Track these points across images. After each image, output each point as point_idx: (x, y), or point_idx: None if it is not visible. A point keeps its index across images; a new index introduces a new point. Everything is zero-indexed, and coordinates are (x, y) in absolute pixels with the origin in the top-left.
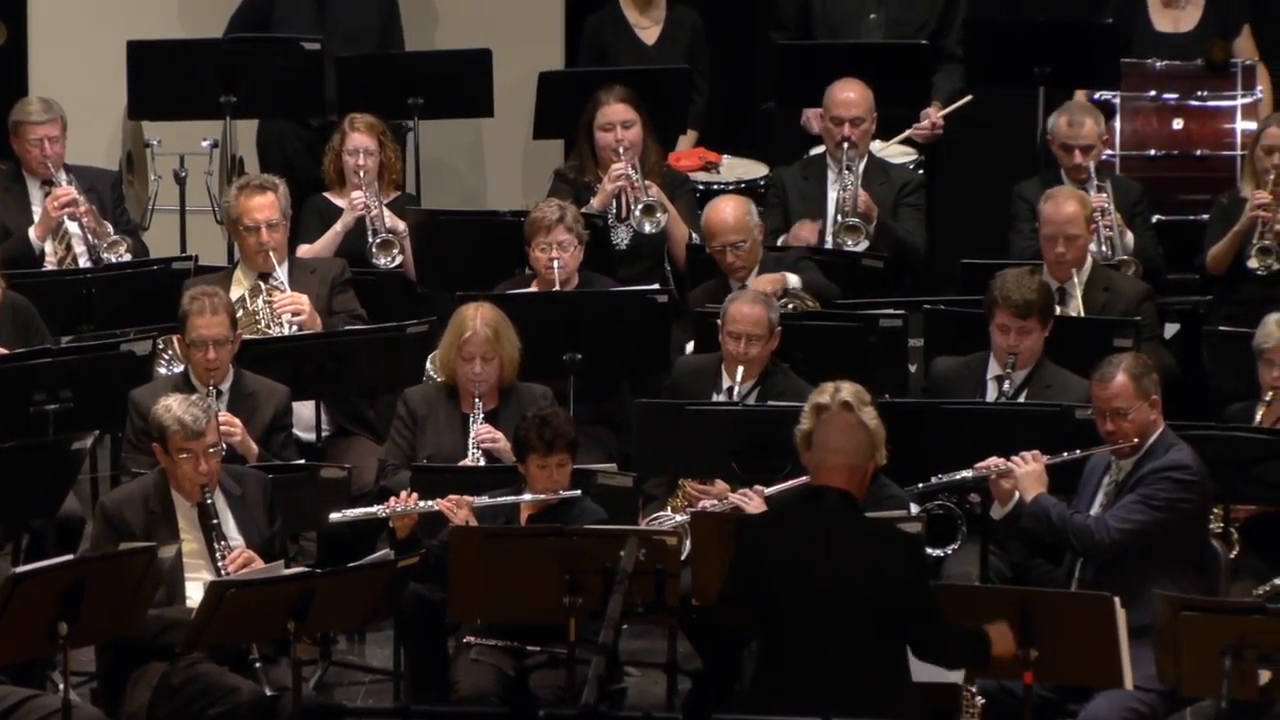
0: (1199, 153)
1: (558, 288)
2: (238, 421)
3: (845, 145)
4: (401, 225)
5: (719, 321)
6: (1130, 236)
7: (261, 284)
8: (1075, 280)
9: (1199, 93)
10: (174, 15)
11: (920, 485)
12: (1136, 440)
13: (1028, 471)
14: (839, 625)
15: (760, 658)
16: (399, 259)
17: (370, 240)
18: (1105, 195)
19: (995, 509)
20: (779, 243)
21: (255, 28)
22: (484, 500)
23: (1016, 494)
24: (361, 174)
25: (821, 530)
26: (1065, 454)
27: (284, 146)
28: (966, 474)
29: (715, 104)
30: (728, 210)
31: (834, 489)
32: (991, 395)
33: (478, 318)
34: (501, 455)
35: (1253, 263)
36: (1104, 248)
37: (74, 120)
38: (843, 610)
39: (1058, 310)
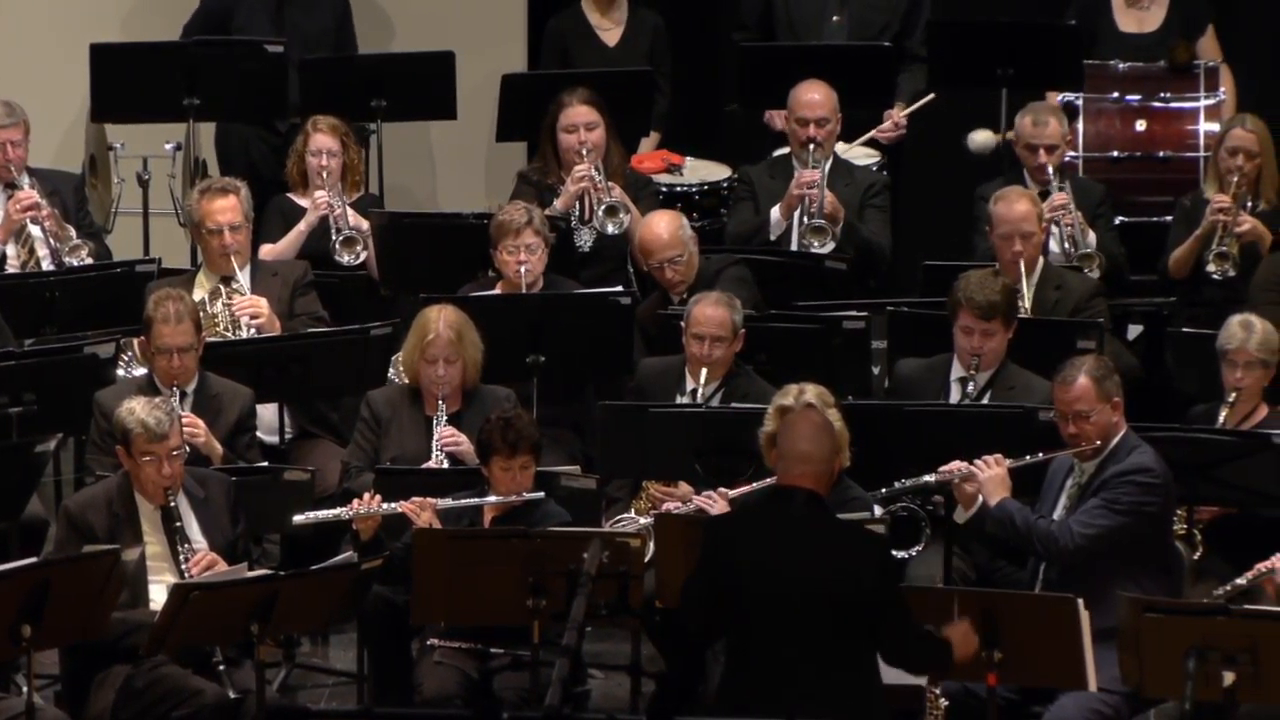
0: (1162, 154)
1: (524, 291)
2: (200, 422)
3: (811, 147)
4: (365, 224)
5: (683, 324)
6: (1092, 236)
7: (222, 287)
8: (1024, 279)
9: (1162, 94)
10: (136, 19)
11: (884, 490)
12: (1099, 442)
13: (991, 475)
14: (806, 625)
15: (727, 658)
16: (362, 255)
17: (334, 238)
18: (1066, 194)
19: (959, 513)
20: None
21: (213, 31)
22: (447, 502)
23: (980, 498)
24: (324, 175)
25: (789, 530)
26: (1028, 457)
27: (248, 149)
28: (930, 478)
29: (678, 106)
30: (661, 227)
31: (802, 489)
32: (955, 397)
33: (441, 320)
34: (464, 458)
35: (1210, 267)
36: (1066, 244)
37: (37, 123)
38: (810, 610)
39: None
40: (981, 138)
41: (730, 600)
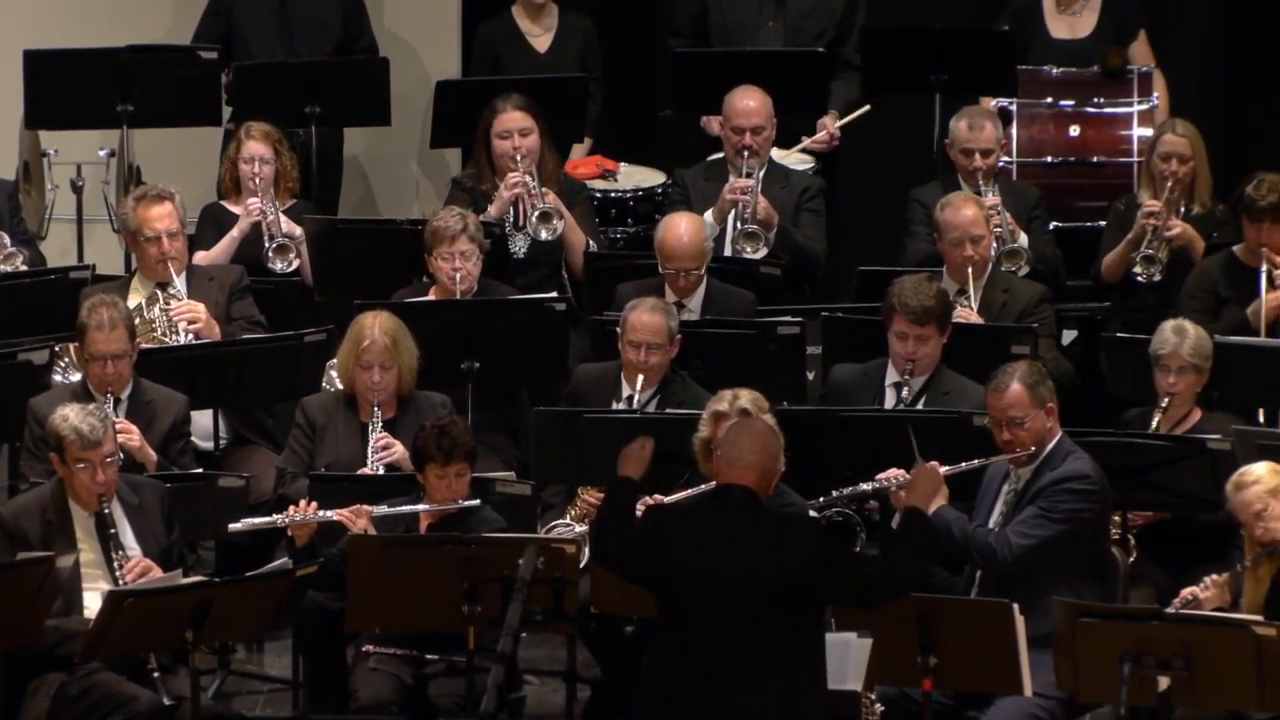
0: (1096, 159)
1: (458, 297)
2: (134, 429)
3: (745, 154)
4: (298, 230)
5: (618, 330)
6: (1023, 237)
7: (159, 292)
8: (971, 283)
9: (1095, 99)
10: (73, 24)
11: (820, 499)
12: (1034, 448)
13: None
14: (742, 616)
15: (656, 651)
16: (295, 263)
17: (266, 245)
18: (995, 196)
19: (895, 521)
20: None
21: (219, 32)
22: (383, 509)
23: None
24: (257, 181)
25: (726, 524)
26: (963, 464)
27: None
28: (866, 487)
29: (612, 112)
30: (684, 234)
31: (739, 486)
32: (890, 402)
33: (376, 326)
34: (400, 465)
35: (1136, 269)
36: (996, 245)
37: None
38: (746, 600)
39: (958, 309)
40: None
41: (664, 593)
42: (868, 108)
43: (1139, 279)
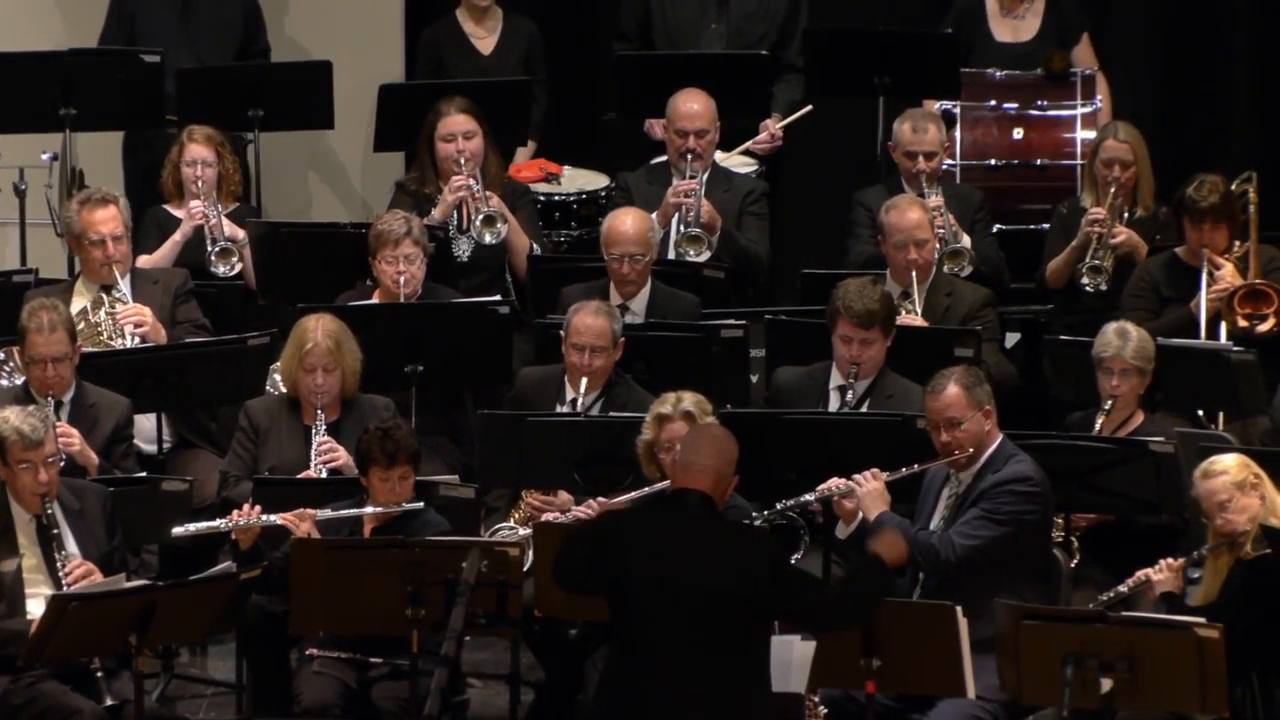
0: (1039, 162)
1: (402, 300)
2: (75, 432)
3: (689, 157)
4: (241, 234)
5: (562, 333)
6: (966, 239)
7: (104, 296)
8: (915, 286)
9: (1039, 102)
10: (13, 28)
11: (766, 512)
12: (972, 451)
13: (869, 490)
14: (695, 623)
15: (610, 654)
16: (238, 267)
17: (209, 249)
18: (938, 198)
19: (840, 528)
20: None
21: (124, 37)
22: (326, 513)
23: (860, 513)
24: (200, 185)
25: (680, 530)
26: (904, 469)
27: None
28: (809, 497)
29: (556, 115)
30: (628, 222)
31: (696, 491)
32: (834, 405)
33: (319, 329)
34: (343, 469)
35: (1084, 280)
36: (939, 247)
37: None
38: (700, 608)
39: (903, 313)
40: None
41: (618, 597)
42: (809, 108)
43: (1086, 289)
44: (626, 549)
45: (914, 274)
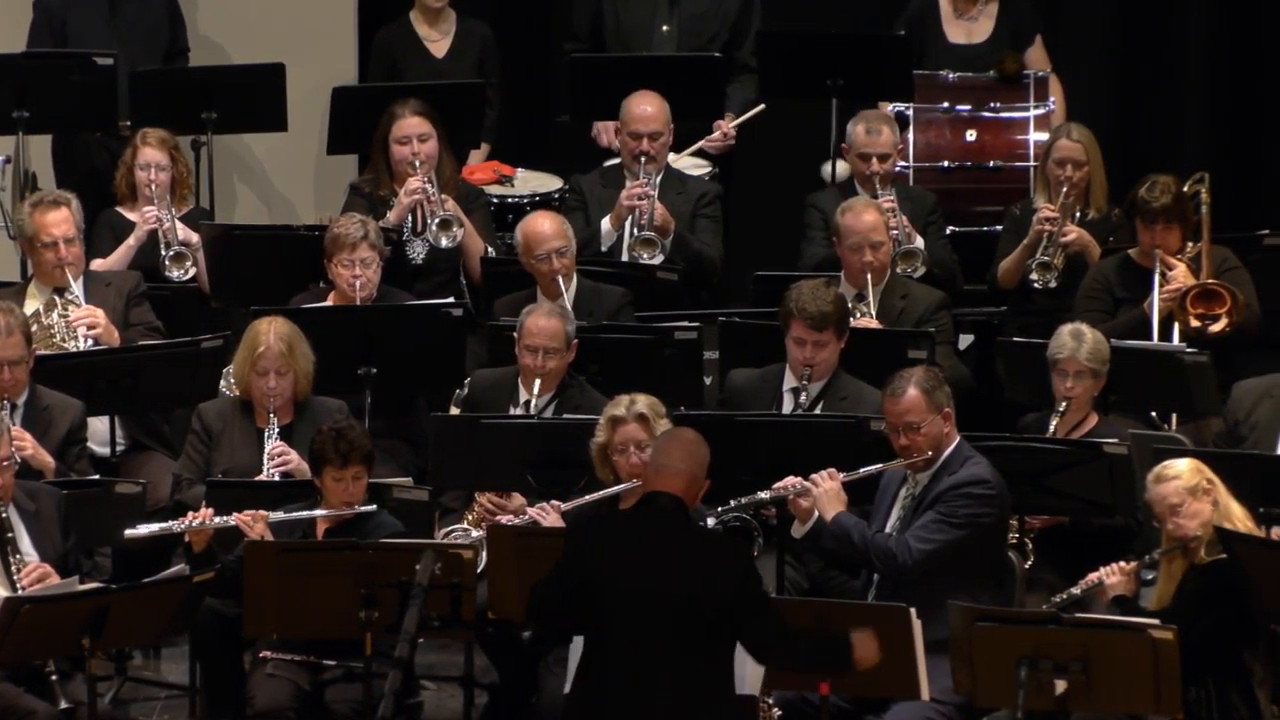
0: (992, 164)
1: (358, 304)
2: (28, 436)
3: (643, 159)
4: (195, 238)
5: (516, 335)
6: (919, 240)
7: (57, 298)
8: (870, 288)
9: (992, 104)
10: None
11: (719, 509)
12: (930, 453)
13: (826, 490)
14: (666, 631)
15: (582, 662)
16: (192, 271)
17: (163, 253)
18: (892, 199)
19: (795, 528)
20: None
21: (54, 35)
22: (279, 515)
23: (815, 512)
24: (153, 188)
25: (652, 534)
26: (861, 470)
27: (90, 158)
28: (764, 495)
29: (509, 117)
30: (545, 221)
31: (668, 494)
32: (788, 407)
33: (271, 332)
34: (296, 475)
35: (1033, 277)
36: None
37: None
38: (671, 615)
39: (857, 315)
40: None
41: (589, 603)
42: (762, 107)
43: (1035, 285)
44: (597, 558)
45: (869, 276)
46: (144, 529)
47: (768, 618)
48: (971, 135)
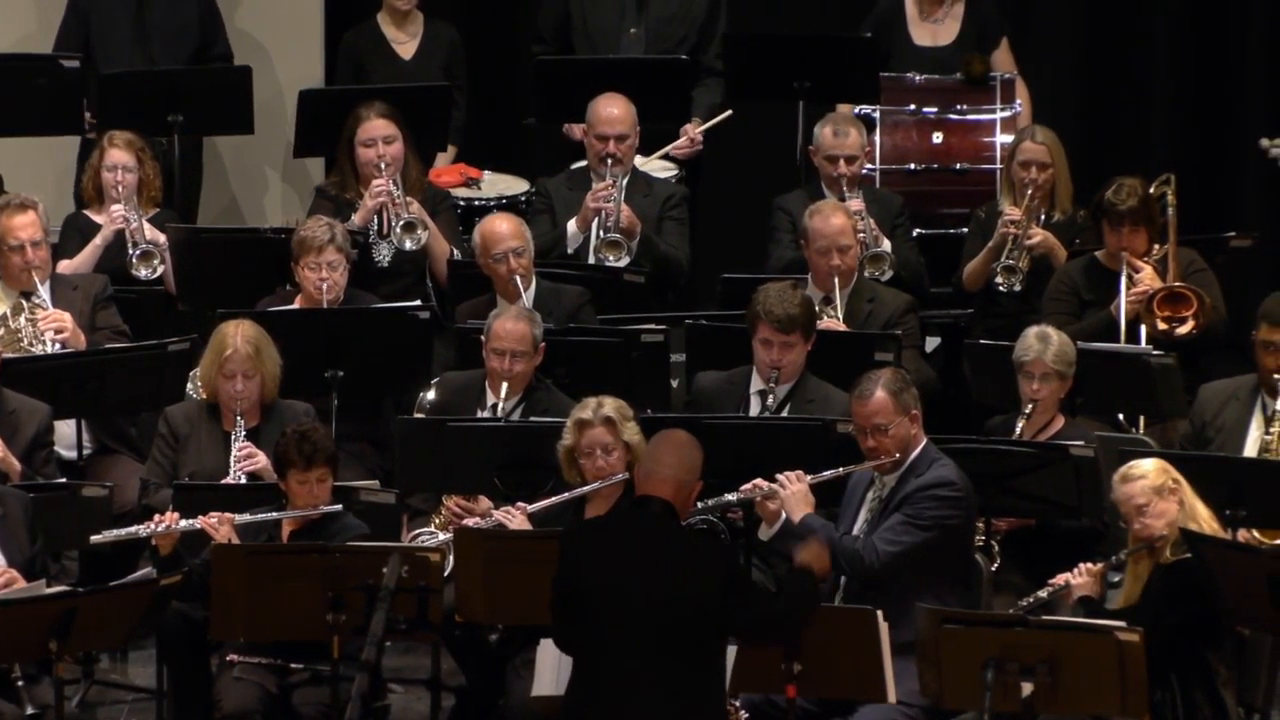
0: (959, 166)
1: (325, 306)
2: None
3: (609, 162)
4: (162, 238)
5: (483, 338)
6: (886, 243)
7: (24, 302)
8: (837, 291)
9: (958, 106)
10: None
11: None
12: (898, 455)
13: (793, 492)
14: (654, 633)
15: (574, 667)
16: (160, 270)
17: (130, 252)
18: (859, 201)
19: (763, 530)
20: None
21: (79, 39)
22: (245, 517)
23: (783, 514)
24: (120, 190)
25: (638, 539)
26: (828, 472)
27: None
28: (731, 497)
29: (476, 120)
30: (503, 222)
31: (658, 498)
32: (755, 410)
33: (238, 335)
34: (263, 475)
35: (998, 280)
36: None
37: None
38: (657, 617)
39: (825, 318)
40: None
41: (579, 608)
42: (729, 113)
43: (1000, 288)
44: (582, 561)
45: (836, 279)
46: (111, 534)
47: (756, 605)
48: (938, 138)
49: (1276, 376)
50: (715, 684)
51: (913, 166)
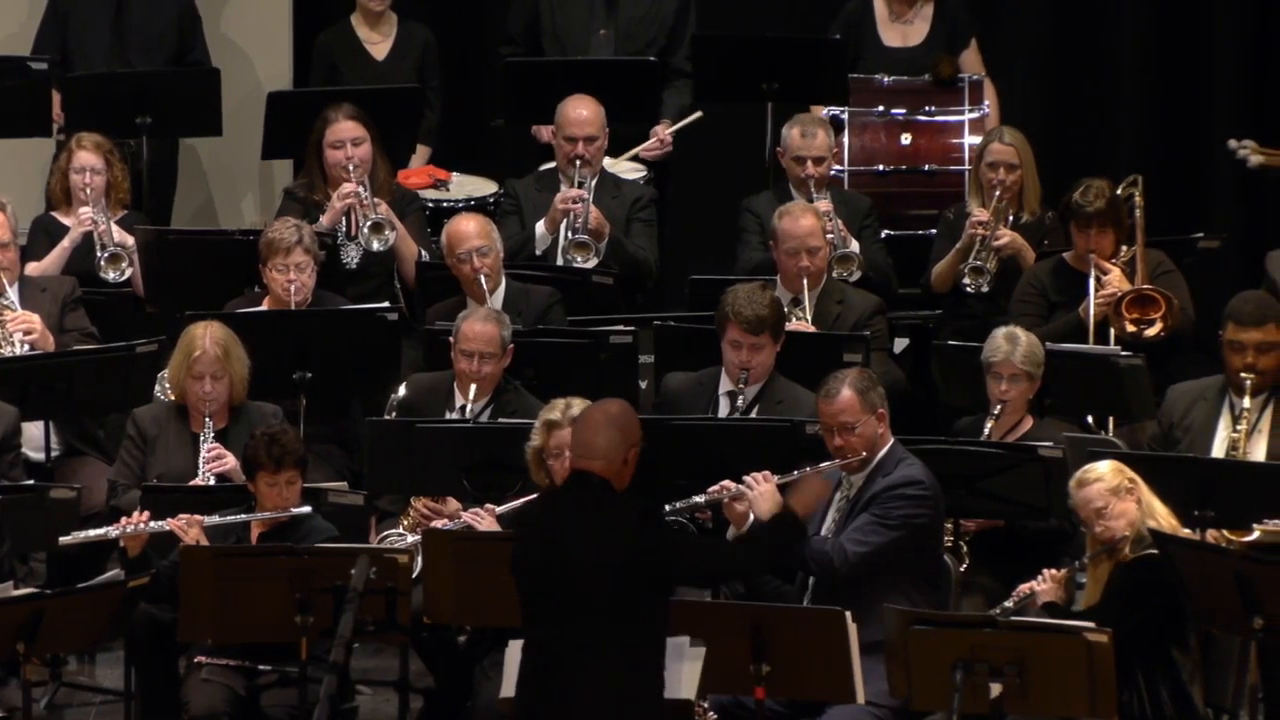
0: (927, 168)
1: (293, 308)
2: None
3: (578, 163)
4: (130, 240)
5: (451, 339)
6: (854, 244)
7: None
8: (806, 293)
9: (927, 108)
10: None
11: None
12: (865, 454)
13: (761, 493)
14: (587, 604)
15: (524, 650)
16: (127, 272)
17: (99, 254)
18: (828, 202)
19: (731, 532)
20: None
21: (57, 41)
22: (214, 519)
23: (751, 515)
24: (88, 192)
25: (573, 512)
26: (796, 472)
27: None
28: (699, 499)
29: (445, 121)
30: (468, 222)
31: (589, 473)
32: (724, 411)
33: (207, 336)
34: (232, 476)
35: (965, 281)
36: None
37: None
38: (589, 587)
39: (793, 319)
40: None
41: (525, 590)
42: (700, 115)
43: (967, 289)
44: (522, 548)
45: (805, 280)
46: (79, 536)
47: (690, 545)
48: (906, 139)
49: (1244, 376)
50: (657, 651)
51: (881, 168)
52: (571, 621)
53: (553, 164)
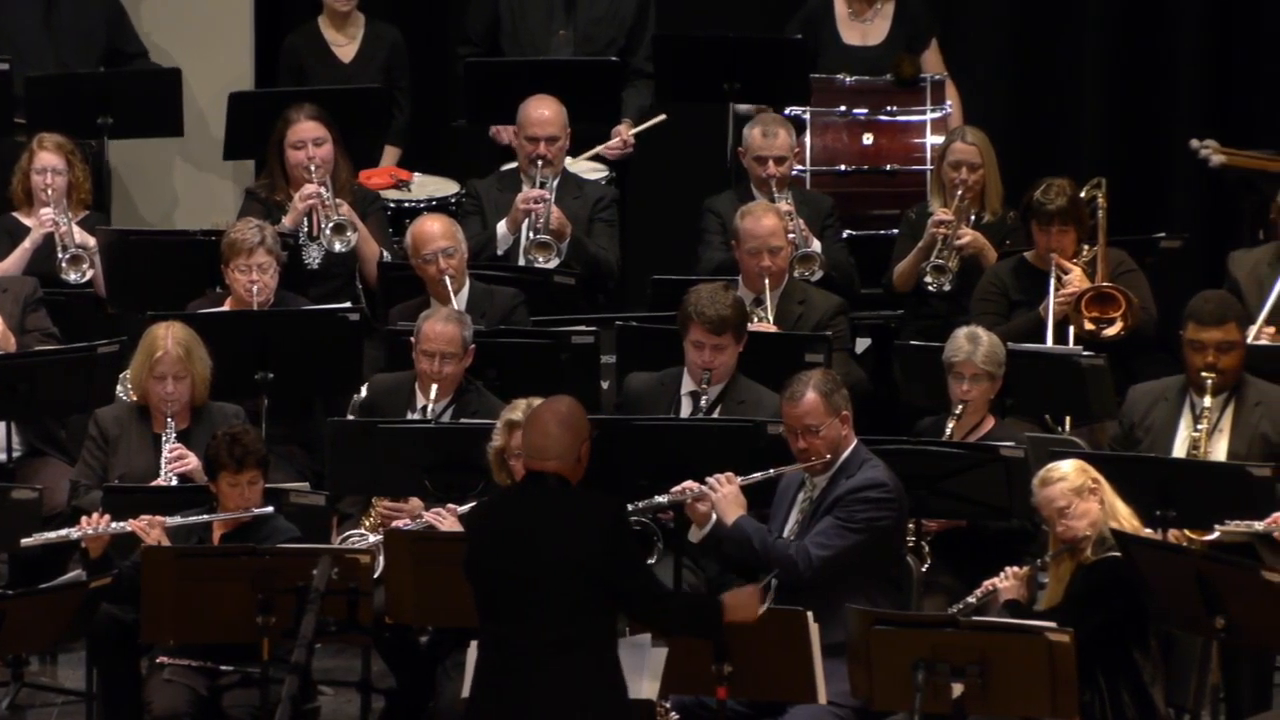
0: (889, 168)
1: (255, 308)
2: None
3: (539, 163)
4: (91, 241)
5: (413, 340)
6: (816, 244)
7: None
8: (767, 293)
9: (888, 108)
10: None
11: None
12: (829, 456)
13: (724, 494)
14: (544, 601)
15: (479, 649)
16: (89, 274)
17: (60, 255)
18: (789, 203)
19: (693, 532)
20: None
21: None
22: (176, 520)
23: (714, 516)
24: (50, 193)
25: (533, 508)
26: (758, 474)
27: None
28: (662, 499)
29: (408, 121)
30: (433, 223)
31: (544, 473)
32: (686, 411)
33: (169, 337)
34: (194, 476)
35: (927, 279)
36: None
37: None
38: (547, 583)
39: (755, 319)
40: None
41: (481, 590)
42: (663, 117)
43: (929, 288)
44: (483, 536)
45: (767, 280)
46: (40, 537)
47: (639, 576)
48: (868, 139)
49: (1204, 375)
50: (606, 648)
51: (843, 168)
52: (533, 619)
53: (514, 164)
